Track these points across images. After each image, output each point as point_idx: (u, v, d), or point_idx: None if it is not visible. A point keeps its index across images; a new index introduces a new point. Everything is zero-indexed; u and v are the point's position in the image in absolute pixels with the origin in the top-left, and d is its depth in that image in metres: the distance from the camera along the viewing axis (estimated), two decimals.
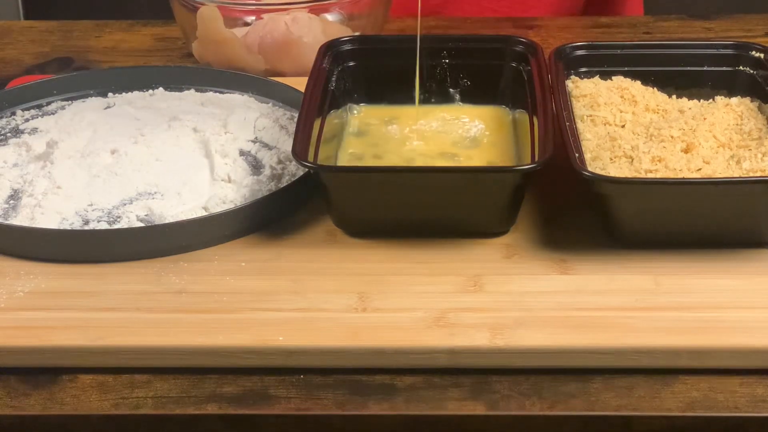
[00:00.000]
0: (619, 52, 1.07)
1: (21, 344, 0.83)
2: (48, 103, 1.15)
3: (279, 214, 0.96)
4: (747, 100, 1.03)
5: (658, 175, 0.92)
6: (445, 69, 1.09)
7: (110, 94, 1.16)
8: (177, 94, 1.15)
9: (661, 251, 0.91)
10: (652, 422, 0.79)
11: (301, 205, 0.98)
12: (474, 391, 0.81)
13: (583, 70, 1.07)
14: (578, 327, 0.83)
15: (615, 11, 1.51)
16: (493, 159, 1.01)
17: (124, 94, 1.16)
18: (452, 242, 0.93)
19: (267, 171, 1.01)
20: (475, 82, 1.09)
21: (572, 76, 1.06)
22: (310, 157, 0.93)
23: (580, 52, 1.07)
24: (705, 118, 0.98)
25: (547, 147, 0.91)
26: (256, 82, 1.15)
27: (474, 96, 1.09)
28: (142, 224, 0.95)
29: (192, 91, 1.16)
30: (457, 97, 1.09)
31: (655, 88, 1.05)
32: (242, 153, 1.05)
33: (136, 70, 1.18)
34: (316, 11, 1.22)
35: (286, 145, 1.04)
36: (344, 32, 1.22)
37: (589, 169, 0.90)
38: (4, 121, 1.13)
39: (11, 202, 0.99)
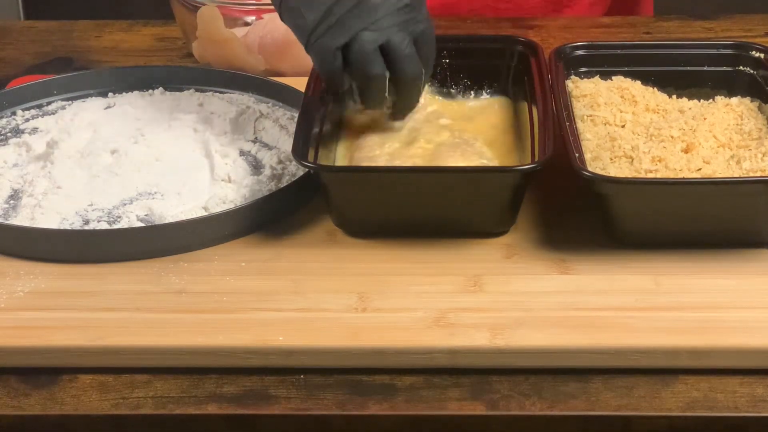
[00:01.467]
0: (619, 52, 1.07)
1: (21, 344, 0.83)
2: (48, 103, 1.15)
3: (279, 214, 0.96)
4: (747, 100, 1.03)
5: (658, 175, 0.92)
6: (445, 69, 1.09)
7: (110, 94, 1.16)
8: (177, 94, 1.15)
9: (661, 251, 0.91)
10: (652, 422, 0.79)
11: (301, 205, 0.98)
12: (474, 391, 0.81)
13: (583, 70, 1.07)
14: (578, 327, 0.83)
15: (633, 11, 1.50)
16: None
17: (124, 94, 1.16)
18: (452, 242, 0.93)
19: (267, 171, 1.01)
20: (475, 81, 1.09)
21: (572, 76, 1.06)
22: (310, 157, 0.93)
23: (580, 52, 1.07)
24: (705, 118, 0.98)
25: (547, 147, 0.91)
26: (256, 82, 1.15)
27: (474, 96, 1.09)
28: (142, 224, 0.95)
29: (192, 91, 1.16)
30: (458, 97, 1.09)
31: (655, 88, 1.05)
32: (242, 153, 1.05)
33: (136, 70, 1.19)
34: None
35: (286, 145, 1.05)
36: None
37: (589, 169, 0.90)
38: (4, 121, 1.13)
39: (11, 202, 0.99)
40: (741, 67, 1.06)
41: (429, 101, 1.05)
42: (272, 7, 0.99)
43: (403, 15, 0.94)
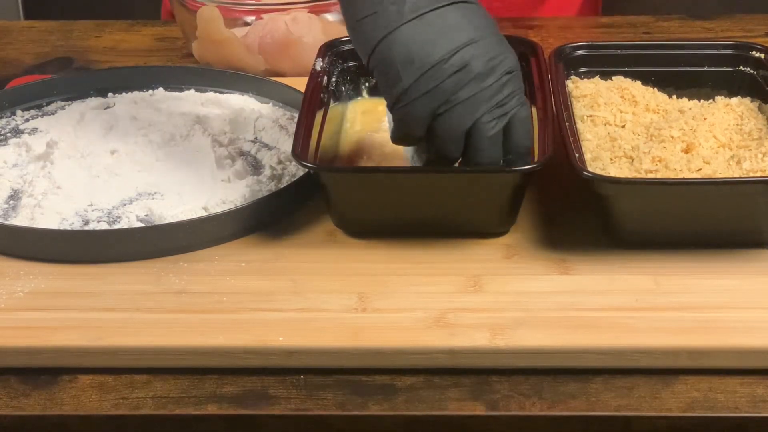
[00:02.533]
0: (619, 52, 1.07)
1: (21, 344, 0.83)
2: (48, 103, 1.15)
3: (279, 214, 0.96)
4: (747, 100, 1.03)
5: (658, 176, 0.92)
6: None
7: (110, 94, 1.16)
8: (177, 94, 1.15)
9: (661, 251, 0.91)
10: (652, 422, 0.79)
11: (301, 205, 0.98)
12: (474, 391, 0.81)
13: (583, 70, 1.07)
14: (578, 327, 0.83)
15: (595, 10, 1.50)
16: None
17: (124, 94, 1.16)
18: (452, 242, 0.93)
19: (267, 171, 1.01)
20: None
21: (572, 76, 1.06)
22: (311, 158, 0.93)
23: (580, 52, 1.07)
24: (705, 118, 0.98)
25: (547, 147, 0.91)
26: (256, 82, 1.15)
27: None
28: (142, 224, 0.95)
29: (192, 91, 1.16)
30: None
31: (655, 88, 1.05)
32: (242, 153, 1.05)
33: (136, 70, 1.19)
34: (316, 11, 1.22)
35: (286, 145, 1.05)
36: (344, 32, 1.21)
37: (589, 169, 0.90)
38: (4, 121, 1.13)
39: (11, 202, 0.99)
40: (741, 67, 1.06)
41: None
42: (272, 7, 0.98)
43: (501, 94, 0.86)
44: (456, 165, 0.90)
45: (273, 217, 0.96)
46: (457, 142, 0.87)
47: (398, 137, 0.90)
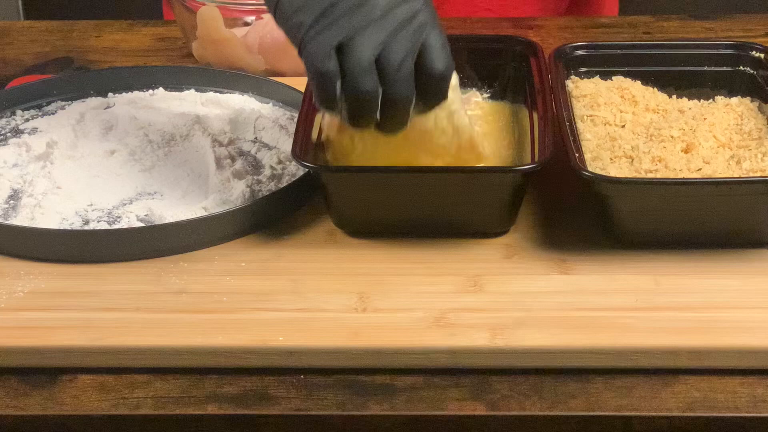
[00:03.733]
0: (619, 52, 1.07)
1: (21, 344, 0.83)
2: (48, 103, 1.15)
3: (279, 214, 0.96)
4: (747, 100, 1.03)
5: (658, 175, 0.92)
6: None
7: (110, 94, 1.16)
8: (177, 94, 1.15)
9: (661, 251, 0.91)
10: (652, 422, 0.79)
11: (301, 205, 0.98)
12: (474, 391, 0.81)
13: (583, 70, 1.07)
14: (578, 327, 0.83)
15: (593, 11, 1.50)
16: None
17: (124, 94, 1.16)
18: (452, 242, 0.93)
19: (267, 171, 1.01)
20: (475, 82, 1.09)
21: (572, 76, 1.06)
22: (310, 158, 0.93)
23: (580, 52, 1.07)
24: (705, 118, 0.98)
25: (547, 147, 0.91)
26: (256, 82, 1.15)
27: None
28: (142, 224, 0.95)
29: (192, 91, 1.16)
30: None
31: (655, 88, 1.05)
32: (242, 153, 1.05)
33: (136, 70, 1.19)
34: None
35: (286, 145, 1.05)
36: None
37: (589, 169, 0.90)
38: (4, 121, 1.13)
39: (11, 202, 0.99)
40: (741, 67, 1.06)
41: None
42: None
43: (409, 21, 0.87)
44: (376, 104, 0.87)
45: (273, 217, 0.96)
46: (366, 74, 0.86)
47: (316, 80, 0.88)
